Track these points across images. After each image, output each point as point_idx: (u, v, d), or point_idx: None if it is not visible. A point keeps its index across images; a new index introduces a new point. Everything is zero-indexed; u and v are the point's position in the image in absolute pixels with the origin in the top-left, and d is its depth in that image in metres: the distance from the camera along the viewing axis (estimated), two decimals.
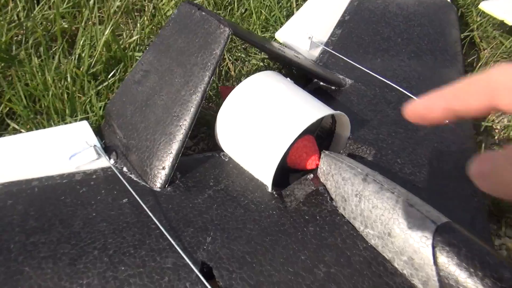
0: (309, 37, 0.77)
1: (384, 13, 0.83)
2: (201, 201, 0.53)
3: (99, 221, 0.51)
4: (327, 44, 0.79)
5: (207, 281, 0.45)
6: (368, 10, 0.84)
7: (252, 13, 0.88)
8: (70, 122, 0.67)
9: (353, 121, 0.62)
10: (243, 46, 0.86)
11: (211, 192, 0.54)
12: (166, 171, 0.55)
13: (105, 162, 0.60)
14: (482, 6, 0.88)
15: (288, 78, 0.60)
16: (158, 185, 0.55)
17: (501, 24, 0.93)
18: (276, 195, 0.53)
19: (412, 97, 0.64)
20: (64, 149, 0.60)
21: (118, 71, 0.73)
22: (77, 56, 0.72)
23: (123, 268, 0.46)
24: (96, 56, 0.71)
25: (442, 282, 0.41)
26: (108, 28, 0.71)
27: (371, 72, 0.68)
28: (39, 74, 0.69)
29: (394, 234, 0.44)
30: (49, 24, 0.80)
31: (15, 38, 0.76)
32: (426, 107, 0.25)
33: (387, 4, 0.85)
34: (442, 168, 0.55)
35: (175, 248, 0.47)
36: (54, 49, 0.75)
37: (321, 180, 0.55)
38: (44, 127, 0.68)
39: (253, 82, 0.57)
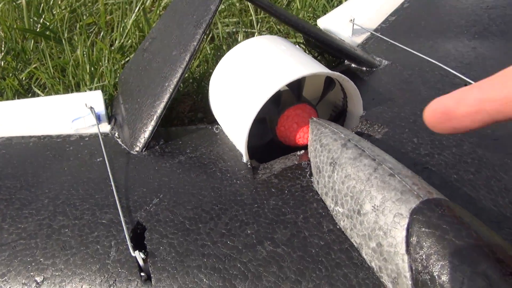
0: (351, 20, 0.67)
1: None
2: (168, 165, 0.47)
3: (66, 174, 0.49)
4: (376, 30, 0.69)
5: (137, 242, 0.38)
6: None
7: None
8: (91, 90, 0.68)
9: (375, 99, 0.51)
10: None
11: (183, 158, 0.48)
12: (146, 134, 0.51)
13: (104, 128, 0.58)
14: None
15: (295, 45, 0.52)
16: (137, 148, 0.51)
17: None
18: (249, 166, 0.44)
19: (460, 77, 0.50)
20: (72, 114, 0.61)
21: None
22: (113, 38, 0.74)
23: (61, 218, 0.42)
24: (127, 34, 0.72)
25: (415, 279, 0.28)
26: (139, 4, 0.71)
27: (411, 51, 0.56)
28: (78, 50, 0.73)
29: (364, 211, 0.32)
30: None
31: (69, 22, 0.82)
32: (455, 100, 0.19)
33: None
34: (477, 155, 0.40)
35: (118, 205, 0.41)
36: (93, 31, 0.79)
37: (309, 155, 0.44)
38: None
39: (248, 44, 0.50)
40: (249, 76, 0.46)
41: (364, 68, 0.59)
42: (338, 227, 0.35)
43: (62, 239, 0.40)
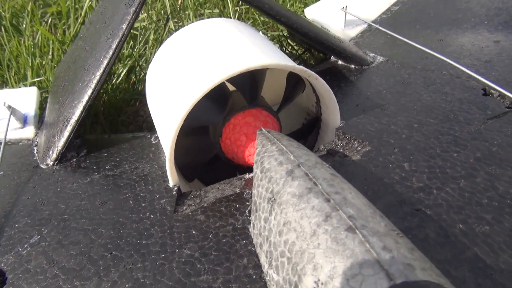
0: (343, 8, 0.55)
1: None
2: (75, 187, 0.35)
3: None
4: (375, 22, 0.56)
5: None
6: None
7: None
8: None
9: (359, 106, 0.38)
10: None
11: (98, 177, 0.36)
12: (59, 143, 0.39)
13: (28, 133, 0.47)
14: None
15: (254, 28, 0.40)
16: (48, 161, 0.39)
17: None
18: (175, 193, 0.32)
19: (476, 78, 0.37)
20: None
21: None
22: (66, 23, 0.63)
23: None
24: (81, 20, 0.60)
25: None
26: None
27: (414, 44, 0.43)
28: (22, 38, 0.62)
29: (304, 285, 0.20)
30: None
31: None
32: None
33: None
34: (497, 193, 0.27)
35: None
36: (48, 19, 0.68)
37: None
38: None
39: (196, 26, 0.38)
40: (186, 67, 0.34)
41: (353, 66, 0.46)
42: None
43: None
